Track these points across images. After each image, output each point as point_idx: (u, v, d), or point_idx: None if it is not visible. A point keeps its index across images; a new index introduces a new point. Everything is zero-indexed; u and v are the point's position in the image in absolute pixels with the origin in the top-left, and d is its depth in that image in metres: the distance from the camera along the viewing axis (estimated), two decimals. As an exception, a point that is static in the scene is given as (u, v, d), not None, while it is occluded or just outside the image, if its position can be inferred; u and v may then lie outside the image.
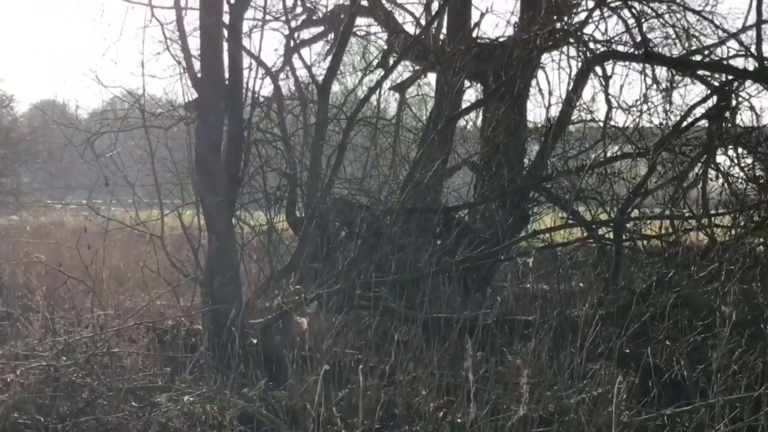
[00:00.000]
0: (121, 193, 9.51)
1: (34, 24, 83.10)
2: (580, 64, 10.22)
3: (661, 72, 10.16)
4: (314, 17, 11.74)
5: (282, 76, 10.67)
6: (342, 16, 11.16)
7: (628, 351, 6.89)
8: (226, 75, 8.41)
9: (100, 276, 7.39)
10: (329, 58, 10.77)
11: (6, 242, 11.01)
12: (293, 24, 11.10)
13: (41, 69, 70.75)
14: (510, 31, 10.70)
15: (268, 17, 10.30)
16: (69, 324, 6.58)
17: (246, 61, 9.27)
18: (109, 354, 6.05)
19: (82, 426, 5.46)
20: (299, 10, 11.60)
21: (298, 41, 11.21)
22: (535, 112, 21.04)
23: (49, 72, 64.84)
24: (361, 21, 11.72)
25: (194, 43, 8.61)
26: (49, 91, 66.36)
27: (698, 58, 10.21)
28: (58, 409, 5.54)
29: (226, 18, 8.54)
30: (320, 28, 11.85)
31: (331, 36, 11.60)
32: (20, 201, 21.71)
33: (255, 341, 7.04)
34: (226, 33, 8.51)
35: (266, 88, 10.04)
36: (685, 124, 9.34)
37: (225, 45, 8.45)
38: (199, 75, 8.35)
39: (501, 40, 10.61)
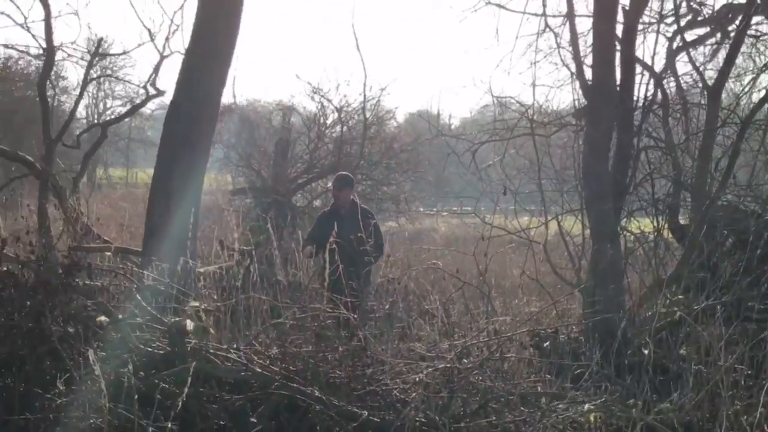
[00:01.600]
0: (492, 200, 9.73)
1: (408, 36, 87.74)
2: None
3: None
4: (699, 18, 11.22)
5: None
6: (730, 15, 10.57)
7: None
8: (617, 81, 8.31)
9: (491, 282, 7.56)
10: (714, 60, 10.30)
11: (397, 248, 11.62)
12: (677, 26, 10.67)
13: (413, 80, 74.66)
14: None
15: (652, 20, 9.98)
16: (464, 328, 6.76)
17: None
18: (502, 359, 6.15)
19: (474, 428, 5.57)
20: (683, 11, 11.12)
21: (680, 44, 10.77)
22: None
23: (420, 83, 68.32)
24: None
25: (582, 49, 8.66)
26: (422, 101, 69.61)
27: None
28: (453, 410, 5.68)
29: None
30: (705, 29, 11.31)
31: (718, 36, 11.02)
32: (399, 208, 22.82)
33: (645, 352, 6.86)
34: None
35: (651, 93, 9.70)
36: None
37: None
38: (589, 82, 8.32)
39: None
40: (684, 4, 10.89)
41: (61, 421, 4.97)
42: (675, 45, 10.38)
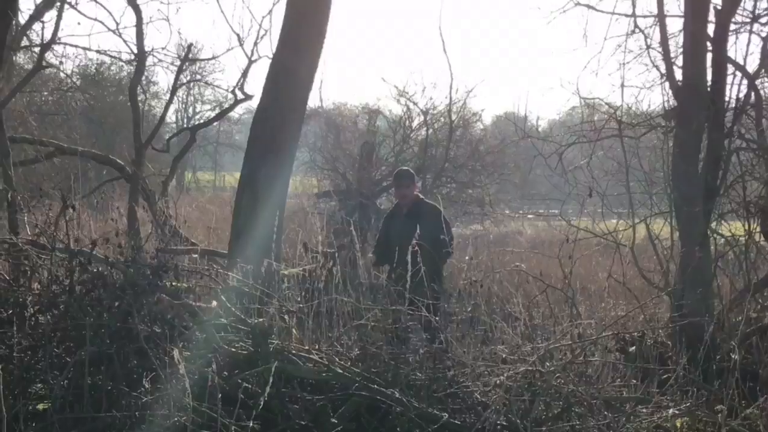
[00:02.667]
0: (579, 202, 9.63)
1: (495, 38, 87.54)
2: None
3: None
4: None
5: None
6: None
7: None
8: (709, 82, 8.18)
9: (575, 285, 7.48)
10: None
11: (481, 251, 11.59)
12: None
13: (500, 82, 74.57)
14: None
15: (745, 20, 9.72)
16: (547, 332, 6.71)
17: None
18: (586, 362, 6.07)
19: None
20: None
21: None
22: None
23: (507, 85, 68.16)
24: None
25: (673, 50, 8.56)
26: (507, 103, 69.32)
27: None
28: (535, 414, 5.63)
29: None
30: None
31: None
32: (484, 211, 22.71)
33: (734, 357, 6.72)
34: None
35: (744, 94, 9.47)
36: None
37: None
38: (680, 83, 8.21)
39: None
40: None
41: (146, 419, 5.06)
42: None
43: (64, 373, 5.38)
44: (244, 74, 15.08)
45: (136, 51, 14.53)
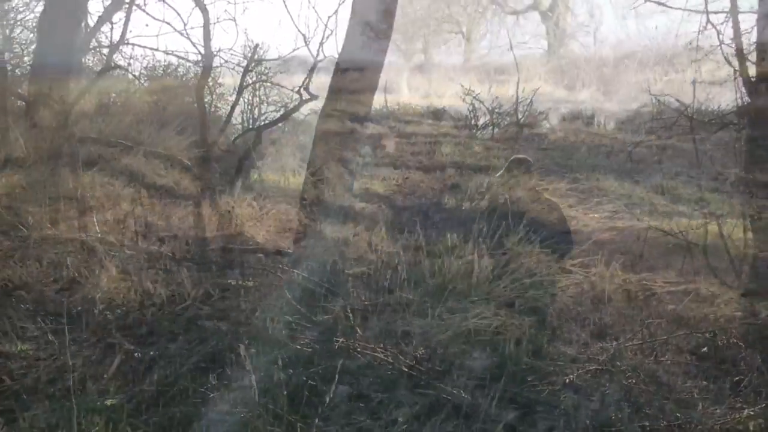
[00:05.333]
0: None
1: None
2: None
3: None
4: None
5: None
6: None
7: None
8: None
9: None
10: None
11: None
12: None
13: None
14: None
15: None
16: (617, 331, 6.61)
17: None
18: (657, 362, 5.95)
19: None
20: None
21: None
22: None
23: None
24: None
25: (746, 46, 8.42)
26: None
27: None
28: (603, 414, 5.54)
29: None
30: None
31: None
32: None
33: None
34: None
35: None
36: None
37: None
38: (753, 79, 8.07)
39: None
40: None
41: (212, 414, 5.07)
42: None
43: (131, 367, 5.44)
44: (310, 74, 15.13)
45: (203, 52, 14.66)
